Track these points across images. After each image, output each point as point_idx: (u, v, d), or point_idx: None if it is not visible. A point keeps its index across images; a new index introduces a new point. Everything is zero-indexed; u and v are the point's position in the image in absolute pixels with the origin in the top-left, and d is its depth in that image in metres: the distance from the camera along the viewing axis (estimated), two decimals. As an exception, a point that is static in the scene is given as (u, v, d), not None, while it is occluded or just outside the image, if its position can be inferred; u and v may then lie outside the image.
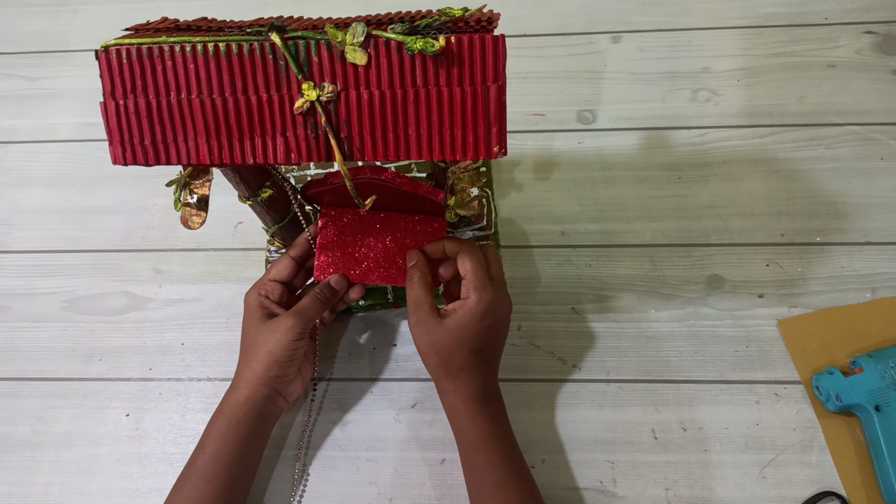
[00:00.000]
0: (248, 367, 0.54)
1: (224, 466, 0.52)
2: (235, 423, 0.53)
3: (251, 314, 0.56)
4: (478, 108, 0.41)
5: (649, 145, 0.73)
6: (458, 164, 0.53)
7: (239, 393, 0.54)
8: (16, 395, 0.64)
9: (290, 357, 0.54)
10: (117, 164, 0.44)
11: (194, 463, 0.53)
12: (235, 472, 0.53)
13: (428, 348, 0.53)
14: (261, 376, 0.54)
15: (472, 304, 0.52)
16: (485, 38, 0.40)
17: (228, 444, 0.53)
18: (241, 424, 0.53)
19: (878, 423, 0.55)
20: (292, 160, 0.43)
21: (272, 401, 0.55)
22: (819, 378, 0.58)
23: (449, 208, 0.55)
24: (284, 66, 0.42)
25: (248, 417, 0.53)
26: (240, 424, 0.53)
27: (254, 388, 0.54)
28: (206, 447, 0.53)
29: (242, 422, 0.53)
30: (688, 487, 0.57)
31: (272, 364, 0.54)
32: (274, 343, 0.53)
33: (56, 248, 0.72)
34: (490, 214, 0.67)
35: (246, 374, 0.54)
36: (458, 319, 0.52)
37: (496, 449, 0.52)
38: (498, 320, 0.54)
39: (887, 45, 0.76)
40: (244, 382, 0.54)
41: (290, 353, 0.54)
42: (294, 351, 0.54)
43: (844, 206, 0.68)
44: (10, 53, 0.85)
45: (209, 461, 0.52)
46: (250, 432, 0.54)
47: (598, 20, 0.81)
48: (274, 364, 0.54)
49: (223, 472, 0.52)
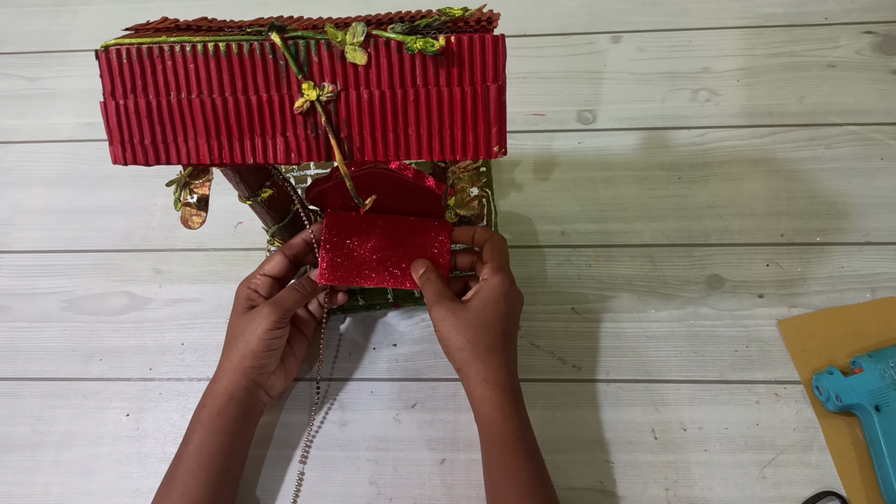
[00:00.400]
0: (227, 358, 0.55)
1: (207, 458, 0.52)
2: (216, 413, 0.53)
3: (236, 306, 0.56)
4: (478, 107, 0.41)
5: (649, 145, 0.73)
6: (458, 164, 0.53)
7: (219, 384, 0.54)
8: (16, 395, 0.64)
9: (266, 347, 0.54)
10: (117, 164, 0.44)
11: (179, 457, 0.53)
12: (220, 465, 0.52)
13: (452, 330, 0.52)
14: (238, 366, 0.54)
15: (496, 283, 0.52)
16: (485, 37, 0.40)
17: (210, 434, 0.52)
18: (222, 415, 0.53)
19: (878, 423, 0.55)
20: (292, 160, 0.43)
21: (252, 392, 0.55)
22: (819, 378, 0.58)
23: (449, 208, 0.56)
24: (284, 65, 0.42)
25: (229, 408, 0.53)
26: (220, 415, 0.53)
27: (231, 379, 0.54)
28: (190, 441, 0.53)
29: (222, 413, 0.53)
30: (688, 487, 0.57)
31: (248, 354, 0.54)
32: (251, 332, 0.54)
33: (56, 248, 0.72)
34: (490, 214, 0.67)
35: (226, 365, 0.54)
36: (483, 298, 0.52)
37: (525, 449, 0.51)
38: (515, 305, 0.54)
39: (887, 45, 0.76)
40: (223, 373, 0.54)
41: (267, 343, 0.54)
42: (270, 341, 0.54)
43: (844, 206, 0.68)
44: (10, 53, 0.85)
45: (192, 454, 0.52)
46: (231, 424, 0.53)
47: (598, 20, 0.81)
48: (250, 354, 0.54)
49: (207, 463, 0.52)
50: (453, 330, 0.52)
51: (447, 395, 0.61)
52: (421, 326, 0.65)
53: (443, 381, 0.62)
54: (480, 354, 0.51)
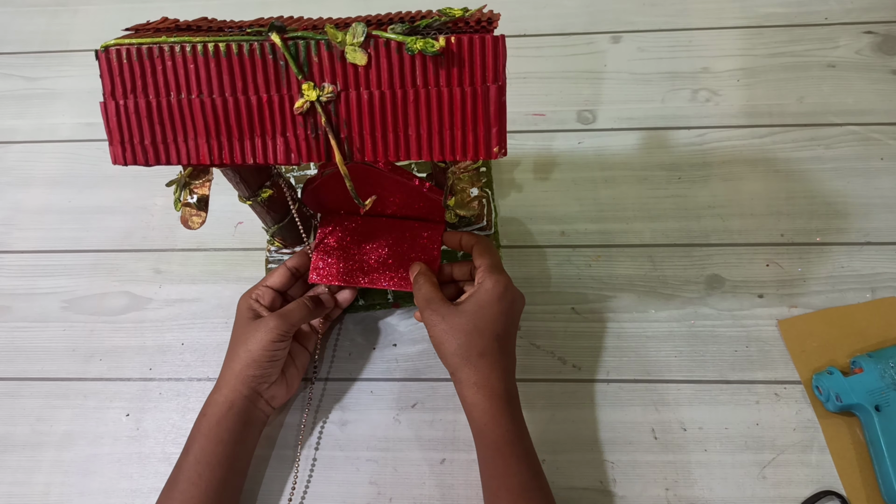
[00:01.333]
0: (229, 367, 0.55)
1: (207, 467, 0.52)
2: (216, 423, 0.53)
3: (239, 316, 0.56)
4: (478, 108, 0.41)
5: (649, 145, 0.73)
6: (458, 165, 0.53)
7: (220, 393, 0.54)
8: (16, 395, 0.64)
9: (269, 357, 0.54)
10: (117, 164, 0.44)
11: (180, 467, 0.53)
12: (220, 475, 0.52)
13: (444, 335, 0.51)
14: (239, 375, 0.54)
15: (490, 286, 0.51)
16: (485, 38, 0.40)
17: (210, 443, 0.52)
18: (222, 425, 0.53)
19: (878, 423, 0.55)
20: (292, 160, 0.43)
21: (252, 402, 0.55)
22: (819, 378, 0.58)
23: (449, 208, 0.56)
24: (284, 66, 0.42)
25: (229, 418, 0.53)
26: (220, 425, 0.53)
27: (232, 388, 0.54)
28: (190, 450, 0.53)
29: (222, 423, 0.53)
30: (688, 487, 0.57)
31: (251, 363, 0.54)
32: (254, 342, 0.54)
33: (56, 248, 0.72)
34: (490, 214, 0.67)
35: (227, 373, 0.54)
36: (476, 302, 0.51)
37: (518, 453, 0.50)
38: (512, 306, 0.53)
39: (887, 45, 0.76)
40: (224, 382, 0.54)
41: (270, 354, 0.54)
42: (273, 352, 0.54)
43: (844, 206, 0.68)
44: (10, 53, 0.85)
45: (192, 463, 0.52)
46: (230, 434, 0.53)
47: (598, 20, 0.81)
48: (253, 363, 0.54)
49: (207, 473, 0.52)
50: (444, 335, 0.51)
51: (447, 395, 0.61)
52: (421, 326, 0.65)
53: (443, 381, 0.62)
54: (472, 359, 0.51)
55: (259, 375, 0.54)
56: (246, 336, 0.54)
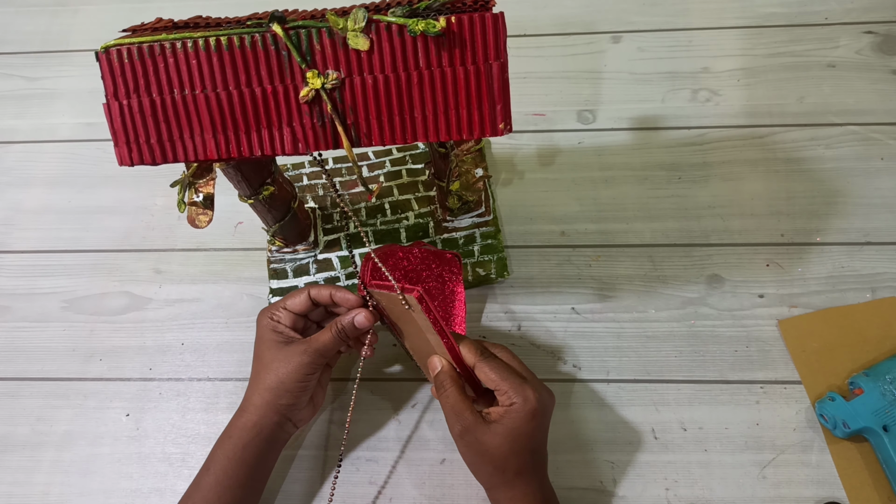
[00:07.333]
0: (257, 393, 0.53)
1: (227, 490, 0.51)
2: (242, 447, 0.52)
3: (265, 337, 0.54)
4: (481, 86, 0.41)
5: (649, 145, 0.73)
6: (461, 147, 0.53)
7: (247, 417, 0.53)
8: (16, 395, 0.64)
9: (301, 388, 0.53)
10: (124, 166, 0.44)
11: (198, 484, 0.52)
12: (239, 497, 0.52)
13: (479, 458, 0.49)
14: (271, 403, 0.53)
15: (520, 407, 0.49)
16: (485, 16, 0.40)
17: (233, 466, 0.52)
18: (248, 449, 0.52)
19: (888, 443, 0.54)
20: (300, 150, 0.43)
21: (281, 426, 0.54)
22: (822, 406, 0.57)
23: (452, 193, 0.55)
24: (287, 56, 0.42)
25: (256, 442, 0.52)
26: (246, 449, 0.52)
27: (262, 414, 0.53)
28: (211, 469, 0.52)
29: (249, 446, 0.52)
30: (688, 487, 0.57)
31: (283, 393, 0.53)
32: (286, 374, 0.52)
33: (56, 248, 0.72)
34: (489, 200, 0.67)
35: (255, 399, 0.53)
36: (509, 423, 0.48)
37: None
38: (545, 417, 0.51)
39: (887, 45, 0.76)
40: (253, 408, 0.53)
41: (303, 385, 0.53)
42: (306, 383, 0.53)
43: (844, 206, 0.68)
44: (10, 53, 0.85)
45: (212, 484, 0.51)
46: (256, 458, 0.53)
47: (598, 20, 0.81)
48: (285, 393, 0.53)
49: (227, 495, 0.51)
50: (478, 456, 0.49)
51: (447, 394, 0.61)
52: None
53: (443, 380, 0.62)
54: (508, 480, 0.49)
55: (291, 404, 0.53)
56: (277, 364, 0.53)
